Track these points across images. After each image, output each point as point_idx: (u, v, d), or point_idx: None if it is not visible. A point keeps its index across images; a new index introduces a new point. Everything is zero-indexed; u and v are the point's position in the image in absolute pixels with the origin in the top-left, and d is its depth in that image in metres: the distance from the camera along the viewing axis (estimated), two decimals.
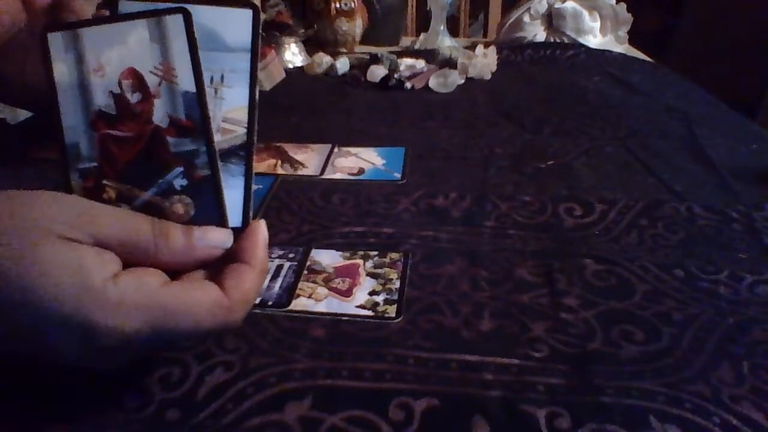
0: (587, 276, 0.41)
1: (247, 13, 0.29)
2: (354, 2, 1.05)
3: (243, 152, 0.30)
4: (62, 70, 0.29)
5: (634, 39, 1.14)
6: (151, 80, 0.29)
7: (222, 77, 0.29)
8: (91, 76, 0.29)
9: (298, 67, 0.99)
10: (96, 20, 0.29)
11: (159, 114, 0.29)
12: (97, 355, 0.25)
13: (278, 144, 0.64)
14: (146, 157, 0.29)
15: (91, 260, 0.24)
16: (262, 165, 0.59)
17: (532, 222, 0.48)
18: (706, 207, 0.50)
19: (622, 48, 1.10)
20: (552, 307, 0.38)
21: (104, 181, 0.29)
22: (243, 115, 0.30)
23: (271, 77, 0.88)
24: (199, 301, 0.25)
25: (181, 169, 0.29)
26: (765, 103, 1.86)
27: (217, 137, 0.29)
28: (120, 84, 0.29)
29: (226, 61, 0.29)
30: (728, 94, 0.82)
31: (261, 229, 0.29)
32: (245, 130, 0.30)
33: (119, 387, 0.31)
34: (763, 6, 1.88)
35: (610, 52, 1.04)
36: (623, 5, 1.08)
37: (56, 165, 0.29)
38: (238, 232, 0.29)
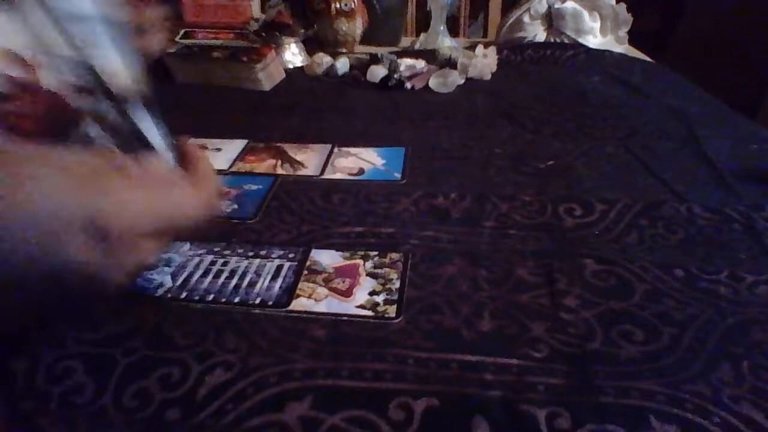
0: (587, 276, 0.41)
1: None
2: (354, 2, 1.05)
3: (141, 97, 0.29)
4: None
5: (634, 39, 1.14)
6: (26, 54, 0.28)
7: (84, 42, 0.28)
8: None
9: (298, 67, 0.99)
10: None
11: (48, 80, 0.28)
12: (103, 249, 0.24)
13: (278, 144, 0.64)
14: (53, 120, 0.29)
15: (93, 159, 0.25)
16: (262, 165, 0.59)
17: (532, 222, 0.48)
18: (706, 207, 0.50)
19: (622, 48, 1.10)
20: (552, 307, 0.38)
21: None
22: (124, 74, 0.29)
23: (271, 77, 0.88)
24: (190, 196, 0.28)
25: (89, 118, 0.29)
26: (765, 103, 1.86)
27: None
28: None
29: (85, 31, 0.28)
30: (728, 94, 0.82)
31: (193, 147, 0.31)
32: (134, 79, 0.29)
33: (119, 387, 0.31)
34: (763, 6, 1.88)
35: (610, 52, 1.04)
36: (623, 5, 1.08)
37: None
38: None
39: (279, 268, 0.41)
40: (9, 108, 0.29)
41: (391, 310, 0.37)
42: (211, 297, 0.38)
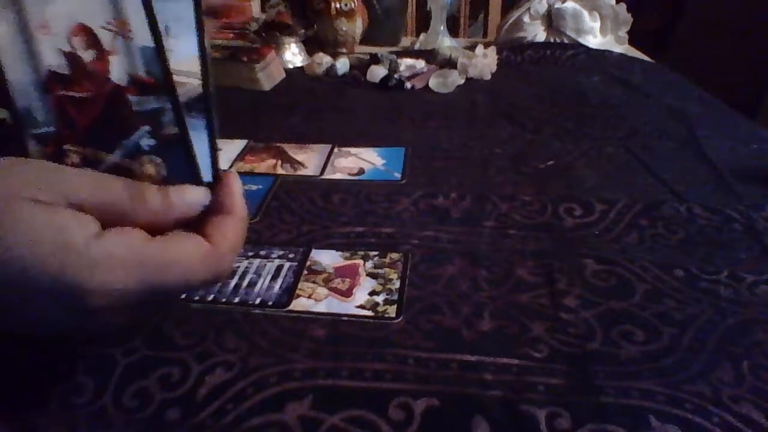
0: (587, 276, 0.41)
1: None
2: (354, 2, 1.05)
3: (202, 104, 0.28)
4: (2, 30, 0.26)
5: (634, 39, 1.14)
6: (104, 36, 0.26)
7: (167, 28, 0.27)
8: (37, 34, 0.26)
9: (298, 67, 0.99)
10: None
11: (117, 72, 0.27)
12: (87, 319, 0.24)
13: (278, 144, 0.64)
14: (108, 118, 0.27)
15: (71, 220, 0.23)
16: (262, 165, 0.59)
17: (532, 222, 0.48)
18: (706, 207, 0.50)
19: (622, 48, 1.10)
20: (552, 307, 0.38)
21: (66, 146, 0.27)
22: (195, 65, 0.28)
23: (271, 77, 0.88)
24: (188, 252, 0.25)
25: (147, 128, 0.27)
26: (765, 103, 1.86)
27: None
28: (70, 41, 0.26)
29: (167, 10, 0.27)
30: (728, 94, 0.82)
31: (235, 179, 0.29)
32: (200, 81, 0.28)
33: (119, 387, 0.31)
34: (763, 6, 1.88)
35: (610, 52, 1.04)
36: (623, 5, 1.08)
37: (8, 133, 0.28)
38: (210, 186, 0.28)
39: (279, 268, 0.41)
40: (68, 93, 0.27)
41: (391, 310, 0.37)
42: (211, 297, 0.38)
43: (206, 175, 0.28)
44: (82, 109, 0.27)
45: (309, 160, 0.60)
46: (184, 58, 0.27)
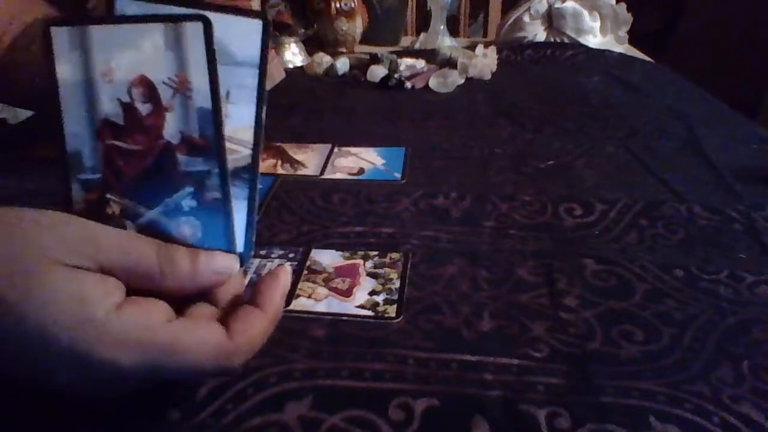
0: (587, 276, 0.41)
1: (256, 25, 0.27)
2: (354, 2, 1.05)
3: (247, 175, 0.28)
4: (66, 69, 0.26)
5: (634, 39, 1.14)
6: (164, 91, 0.26)
7: (228, 93, 0.27)
8: (99, 79, 0.26)
9: (298, 67, 0.99)
10: (107, 19, 0.27)
11: (170, 129, 0.27)
12: (90, 384, 0.25)
13: (278, 144, 0.64)
14: (154, 173, 0.27)
15: (94, 290, 0.23)
16: (262, 165, 0.59)
17: (532, 222, 0.48)
18: (706, 207, 0.50)
19: (622, 48, 1.10)
20: (552, 307, 0.38)
21: (108, 195, 0.27)
22: (248, 135, 0.28)
23: (271, 77, 0.88)
24: (201, 342, 0.25)
25: (191, 189, 0.27)
26: (765, 103, 1.86)
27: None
28: (130, 92, 0.27)
29: (232, 75, 0.27)
30: (728, 94, 0.82)
31: (283, 276, 0.28)
32: (250, 152, 0.28)
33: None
34: (763, 6, 1.88)
35: (610, 52, 1.04)
36: (623, 5, 1.08)
37: (57, 172, 0.28)
38: (240, 257, 0.28)
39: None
40: (118, 143, 0.27)
41: (391, 310, 0.37)
42: None
43: (239, 245, 0.28)
44: (130, 160, 0.27)
45: (309, 159, 0.60)
46: (239, 126, 0.27)
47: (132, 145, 0.27)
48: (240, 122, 0.28)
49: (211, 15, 0.26)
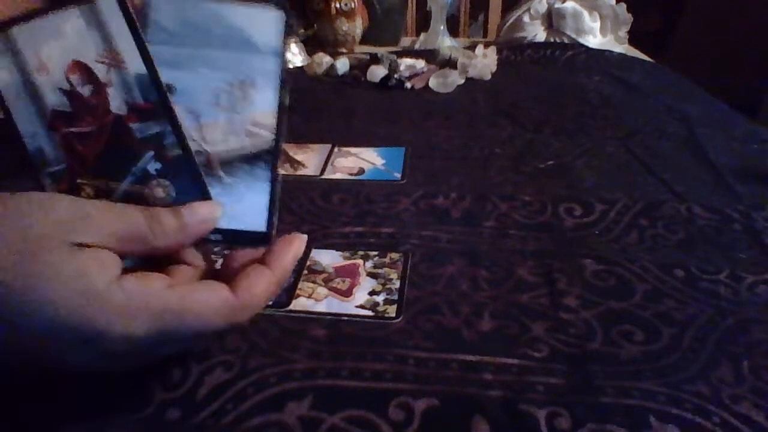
0: (587, 276, 0.41)
1: (277, 16, 0.28)
2: (354, 2, 1.05)
3: (270, 157, 0.29)
4: (4, 77, 0.27)
5: (634, 39, 1.14)
6: (99, 69, 0.27)
7: (252, 80, 0.29)
8: (36, 76, 0.27)
9: (298, 67, 0.99)
10: (25, 16, 0.27)
11: (116, 102, 0.28)
12: (104, 359, 0.25)
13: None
14: (113, 148, 0.28)
15: (93, 265, 0.24)
16: None
17: (532, 222, 0.48)
18: (706, 207, 0.50)
19: (622, 48, 1.11)
20: (552, 307, 0.38)
21: (78, 180, 0.28)
22: (271, 119, 0.29)
23: None
24: (206, 300, 0.25)
25: (152, 153, 0.28)
26: (765, 103, 1.86)
27: (245, 141, 0.29)
28: (68, 79, 0.27)
29: (255, 62, 0.28)
30: (728, 94, 0.82)
31: (297, 241, 0.29)
32: (273, 135, 0.29)
33: (119, 387, 0.31)
34: (763, 6, 1.88)
35: (610, 52, 1.04)
36: (623, 5, 1.08)
37: (25, 174, 0.29)
38: (264, 237, 0.29)
39: None
40: (72, 130, 0.28)
41: (391, 310, 0.37)
42: None
43: (260, 225, 0.29)
44: (87, 143, 0.28)
45: (309, 160, 0.60)
46: (263, 111, 0.29)
47: (85, 127, 0.28)
48: (263, 107, 0.29)
49: (233, 6, 0.28)
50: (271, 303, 0.38)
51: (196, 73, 0.28)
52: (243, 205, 0.29)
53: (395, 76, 0.87)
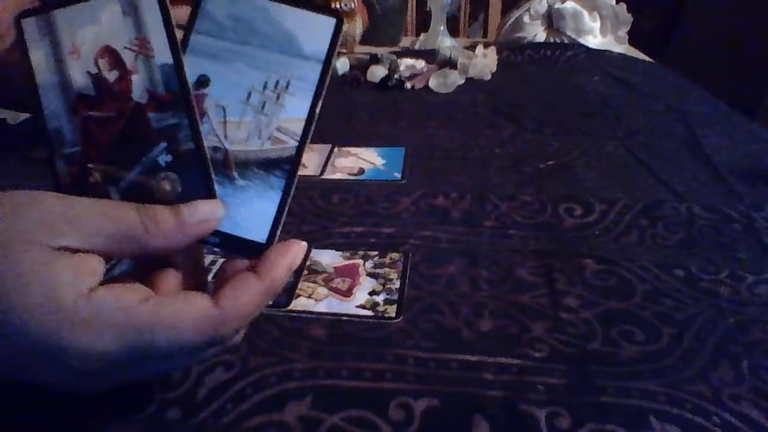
0: (587, 276, 0.41)
1: (329, 22, 0.28)
2: (354, 3, 1.05)
3: (288, 166, 0.28)
4: (39, 56, 0.28)
5: (634, 39, 1.14)
6: (127, 56, 0.27)
7: (288, 83, 0.28)
8: (68, 58, 0.28)
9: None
10: (66, 0, 0.28)
11: (138, 90, 0.28)
12: (76, 379, 0.24)
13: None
14: (129, 135, 0.28)
15: (66, 274, 0.22)
16: None
17: (532, 222, 0.48)
18: (706, 207, 0.50)
19: (622, 48, 1.10)
20: (552, 307, 0.38)
21: (89, 165, 0.28)
22: (298, 127, 0.28)
23: None
24: (179, 313, 0.24)
25: (165, 144, 0.27)
26: (765, 103, 1.86)
27: (266, 145, 0.28)
28: (96, 63, 0.28)
29: (296, 67, 0.28)
30: (728, 94, 0.82)
31: (293, 249, 0.27)
32: (296, 144, 0.28)
33: (119, 387, 0.30)
34: (763, 6, 1.88)
35: (610, 52, 1.04)
36: (623, 5, 1.08)
37: (41, 151, 0.29)
38: (261, 249, 0.28)
39: None
40: (93, 114, 0.28)
41: (391, 310, 0.37)
42: None
43: (262, 235, 0.28)
44: (105, 127, 0.28)
45: (309, 160, 0.60)
46: (292, 117, 0.28)
47: (105, 112, 0.28)
48: (293, 114, 0.28)
49: (287, 8, 0.28)
50: (270, 303, 0.38)
51: (233, 69, 0.28)
52: (249, 211, 0.28)
53: (395, 76, 0.87)
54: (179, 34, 0.28)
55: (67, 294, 0.22)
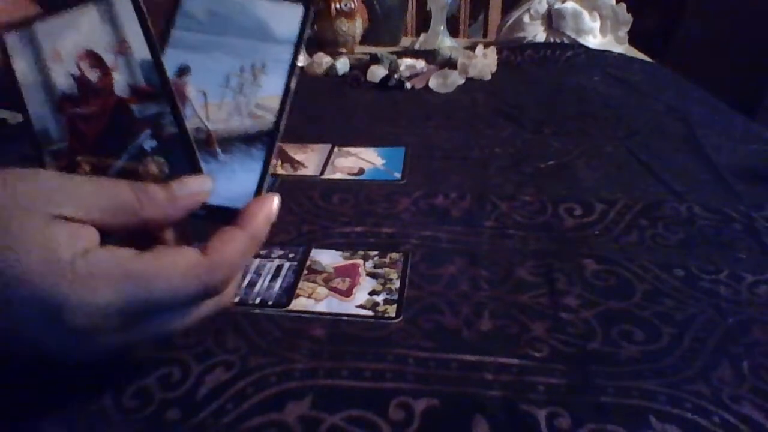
0: (587, 276, 0.41)
1: (298, 9, 0.30)
2: (354, 2, 1.05)
3: (267, 139, 0.30)
4: (23, 66, 0.30)
5: (634, 39, 1.14)
6: (108, 57, 0.29)
7: (264, 65, 0.30)
8: (50, 63, 0.30)
9: (299, 67, 0.98)
10: (47, 13, 0.30)
11: (120, 85, 0.29)
12: (75, 340, 0.24)
13: (278, 144, 0.63)
14: (114, 127, 0.29)
15: (63, 235, 0.23)
16: None
17: (532, 222, 0.48)
18: (706, 207, 0.50)
19: (622, 48, 1.10)
20: (552, 307, 0.38)
21: (78, 158, 0.29)
22: (276, 103, 0.30)
23: None
24: (172, 263, 0.25)
25: (149, 131, 0.29)
26: (765, 103, 1.86)
27: (246, 122, 0.30)
28: (78, 65, 0.29)
29: (271, 51, 0.30)
30: (728, 94, 0.82)
31: (269, 202, 0.29)
32: (274, 118, 0.30)
33: (119, 387, 0.31)
34: (763, 6, 1.88)
35: (610, 52, 1.04)
36: (623, 5, 1.08)
37: (28, 150, 0.30)
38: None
39: (279, 267, 0.41)
40: (77, 111, 0.30)
41: (391, 310, 0.37)
42: None
43: (244, 204, 0.29)
44: (90, 123, 0.30)
45: (309, 160, 0.60)
46: (269, 96, 0.30)
47: (90, 109, 0.30)
48: (271, 92, 0.30)
49: (258, 0, 0.30)
50: (270, 303, 0.38)
51: (211, 58, 0.30)
52: (233, 183, 0.29)
53: (395, 76, 0.87)
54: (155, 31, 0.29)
55: (65, 252, 0.23)
